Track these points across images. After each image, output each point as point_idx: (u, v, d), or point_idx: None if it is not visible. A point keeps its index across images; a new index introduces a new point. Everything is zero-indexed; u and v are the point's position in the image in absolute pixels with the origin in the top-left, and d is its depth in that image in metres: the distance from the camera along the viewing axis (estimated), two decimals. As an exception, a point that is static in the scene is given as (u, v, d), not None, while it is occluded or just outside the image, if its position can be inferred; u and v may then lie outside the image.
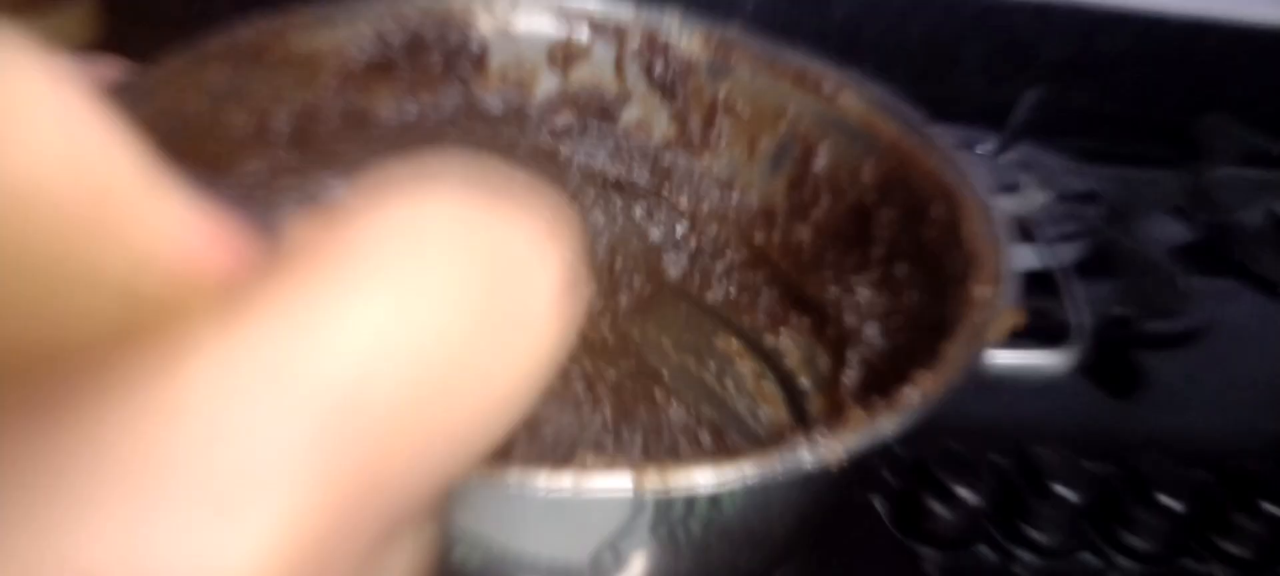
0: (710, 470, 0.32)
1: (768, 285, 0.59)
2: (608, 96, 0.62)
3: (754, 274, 0.60)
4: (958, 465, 0.55)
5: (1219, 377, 0.73)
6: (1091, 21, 1.08)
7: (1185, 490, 0.56)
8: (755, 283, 0.60)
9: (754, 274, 0.60)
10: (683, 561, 0.37)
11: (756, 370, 0.58)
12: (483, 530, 0.34)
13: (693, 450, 0.54)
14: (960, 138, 0.92)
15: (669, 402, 0.58)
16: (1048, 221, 0.79)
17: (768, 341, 0.57)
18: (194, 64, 0.49)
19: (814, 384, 0.55)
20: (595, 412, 0.56)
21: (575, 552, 0.35)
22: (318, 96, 0.55)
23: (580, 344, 0.58)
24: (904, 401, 0.37)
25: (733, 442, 0.54)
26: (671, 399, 0.58)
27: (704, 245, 0.62)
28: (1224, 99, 1.13)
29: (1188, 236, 0.90)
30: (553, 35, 0.61)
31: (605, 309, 0.60)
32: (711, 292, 0.61)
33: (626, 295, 0.61)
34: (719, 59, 0.60)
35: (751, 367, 0.58)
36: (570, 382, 0.56)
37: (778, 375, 0.56)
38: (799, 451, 0.33)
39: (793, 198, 0.60)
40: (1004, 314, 0.42)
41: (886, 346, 0.52)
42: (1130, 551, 0.56)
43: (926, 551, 0.54)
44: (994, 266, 0.45)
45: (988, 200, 0.49)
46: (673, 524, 0.34)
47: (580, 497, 0.32)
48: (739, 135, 0.61)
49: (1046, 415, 0.67)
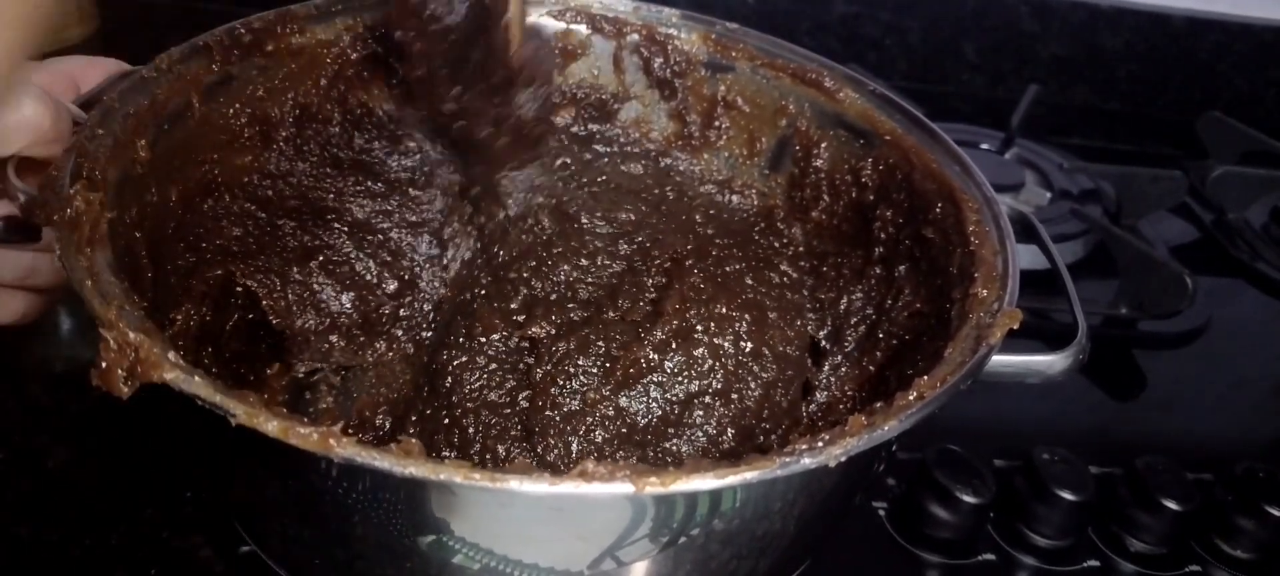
0: (710, 474, 0.31)
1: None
2: (606, 93, 0.62)
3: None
4: (958, 467, 0.54)
5: (1219, 377, 0.73)
6: (1092, 19, 1.08)
7: (1186, 491, 0.56)
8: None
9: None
10: (684, 569, 0.37)
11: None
12: (482, 538, 0.34)
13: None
14: (961, 135, 0.92)
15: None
16: (1049, 220, 0.79)
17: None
18: (191, 59, 0.48)
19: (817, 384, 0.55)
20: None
21: (576, 560, 0.35)
22: (315, 91, 0.55)
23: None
24: (904, 403, 0.36)
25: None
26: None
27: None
28: (1225, 97, 1.13)
29: (1189, 234, 0.90)
30: (551, 30, 0.61)
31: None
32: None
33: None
34: (719, 55, 0.60)
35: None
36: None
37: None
38: (799, 454, 0.33)
39: (793, 197, 0.60)
40: (1005, 315, 0.41)
41: (887, 347, 0.52)
42: (1131, 554, 0.56)
43: (928, 556, 0.53)
44: (995, 266, 0.45)
45: (990, 199, 0.49)
46: (674, 530, 0.34)
47: (581, 503, 0.32)
48: (739, 132, 0.61)
49: (1047, 417, 0.66)
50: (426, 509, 0.33)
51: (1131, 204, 0.86)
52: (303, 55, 0.54)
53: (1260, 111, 1.13)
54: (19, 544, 0.48)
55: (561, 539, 0.34)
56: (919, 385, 0.37)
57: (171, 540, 0.49)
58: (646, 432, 0.52)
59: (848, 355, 0.54)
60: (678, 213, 0.61)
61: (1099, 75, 1.11)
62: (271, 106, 0.53)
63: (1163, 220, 0.89)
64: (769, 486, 0.34)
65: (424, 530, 0.34)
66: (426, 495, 0.32)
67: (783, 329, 0.55)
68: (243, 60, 0.51)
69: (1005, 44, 1.09)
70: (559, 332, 0.54)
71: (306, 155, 0.55)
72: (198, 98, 0.49)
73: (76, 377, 0.55)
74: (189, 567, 0.48)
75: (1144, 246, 0.78)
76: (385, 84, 0.58)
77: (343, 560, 0.38)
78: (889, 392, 0.38)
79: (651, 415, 0.52)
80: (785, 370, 0.54)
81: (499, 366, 0.54)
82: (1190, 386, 0.72)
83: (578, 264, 0.57)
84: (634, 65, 0.61)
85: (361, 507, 0.34)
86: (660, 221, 0.60)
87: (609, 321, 0.55)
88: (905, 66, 1.09)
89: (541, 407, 0.52)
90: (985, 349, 0.39)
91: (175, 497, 0.51)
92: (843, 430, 0.34)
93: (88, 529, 0.49)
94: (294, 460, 0.31)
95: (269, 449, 0.31)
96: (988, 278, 0.44)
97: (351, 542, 0.36)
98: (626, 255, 0.58)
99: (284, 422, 0.30)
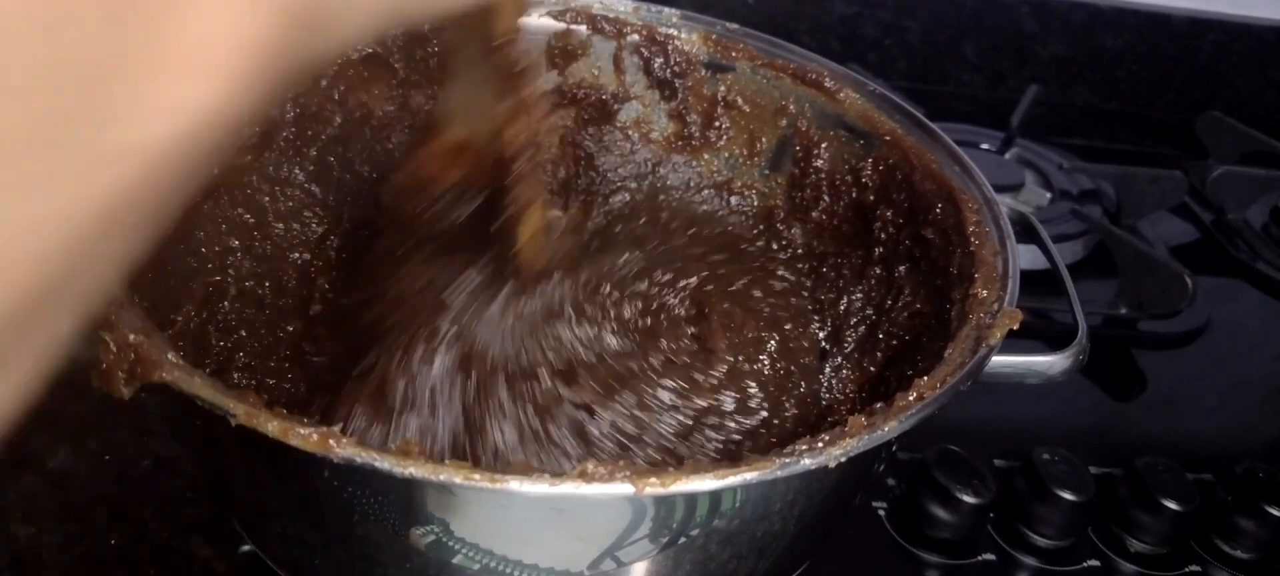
0: (710, 474, 0.31)
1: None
2: (606, 93, 0.62)
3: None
4: (958, 468, 0.54)
5: (1219, 378, 0.73)
6: (1092, 19, 1.08)
7: (1186, 491, 0.56)
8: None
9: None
10: (684, 569, 0.37)
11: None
12: (482, 538, 0.34)
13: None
14: (961, 135, 0.92)
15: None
16: (1049, 220, 0.79)
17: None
18: None
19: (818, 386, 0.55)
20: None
21: (576, 561, 0.35)
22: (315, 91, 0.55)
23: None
24: (904, 404, 0.36)
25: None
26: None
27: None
28: (1225, 97, 1.13)
29: (1189, 234, 0.90)
30: (551, 30, 0.61)
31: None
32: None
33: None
34: (719, 55, 0.60)
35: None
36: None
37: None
38: (799, 454, 0.33)
39: (793, 197, 0.60)
40: (1005, 315, 0.41)
41: (887, 348, 0.52)
42: (1131, 554, 0.56)
43: (928, 556, 0.53)
44: (995, 267, 0.45)
45: (990, 199, 0.49)
46: (674, 530, 0.34)
47: (580, 504, 0.32)
48: (739, 133, 0.61)
49: (1047, 417, 0.66)
50: (426, 509, 0.33)
51: (1131, 204, 0.86)
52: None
53: (1260, 111, 1.13)
54: (19, 544, 0.48)
55: (561, 539, 0.34)
56: (919, 386, 0.37)
57: (171, 540, 0.49)
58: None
59: (848, 356, 0.54)
60: (671, 238, 0.59)
61: (1099, 75, 1.11)
62: (271, 106, 0.53)
63: (1163, 220, 0.89)
64: (769, 487, 0.34)
65: (423, 530, 0.34)
66: (426, 495, 0.32)
67: (799, 339, 0.55)
68: None
69: (1005, 44, 1.09)
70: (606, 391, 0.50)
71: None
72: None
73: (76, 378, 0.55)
74: (189, 567, 0.48)
75: (1144, 246, 0.78)
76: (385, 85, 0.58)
77: (343, 560, 0.37)
78: (889, 393, 0.38)
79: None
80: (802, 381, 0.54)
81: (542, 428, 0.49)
82: (1190, 386, 0.72)
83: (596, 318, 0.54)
84: (634, 65, 0.61)
85: (361, 507, 0.34)
86: (665, 252, 0.59)
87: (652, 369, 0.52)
88: (905, 66, 1.09)
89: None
90: (985, 349, 0.40)
91: (175, 497, 0.51)
92: (843, 431, 0.34)
93: (87, 529, 0.49)
94: (294, 460, 0.31)
95: (269, 449, 0.31)
96: (988, 278, 0.44)
97: (351, 542, 0.36)
98: (643, 294, 0.55)
99: (284, 423, 0.30)
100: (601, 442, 0.47)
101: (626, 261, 0.57)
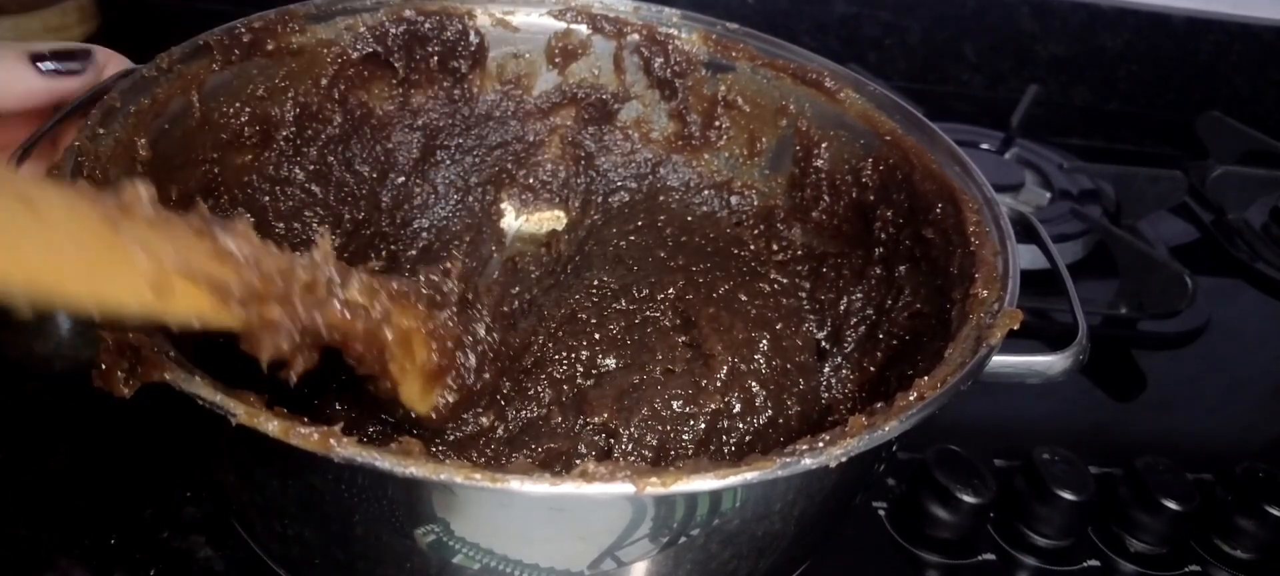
0: (711, 474, 0.31)
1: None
2: (606, 93, 0.62)
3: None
4: (958, 467, 0.54)
5: (1219, 377, 0.73)
6: (1092, 19, 1.08)
7: (1186, 491, 0.56)
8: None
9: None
10: (684, 569, 0.37)
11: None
12: (482, 538, 0.34)
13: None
14: (961, 135, 0.92)
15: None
16: (1049, 220, 0.79)
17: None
18: (191, 59, 0.48)
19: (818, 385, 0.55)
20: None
21: (576, 560, 0.35)
22: (315, 90, 0.55)
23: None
24: (905, 404, 0.36)
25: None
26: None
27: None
28: (1225, 97, 1.13)
29: (1189, 234, 0.90)
30: (551, 30, 0.61)
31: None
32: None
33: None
34: (719, 55, 0.60)
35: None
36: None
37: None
38: (799, 454, 0.33)
39: (793, 197, 0.60)
40: (1005, 315, 0.41)
41: (887, 347, 0.52)
42: (1131, 554, 0.56)
43: (928, 556, 0.53)
44: (996, 267, 0.45)
45: (990, 199, 0.49)
46: (674, 530, 0.34)
47: (581, 503, 0.32)
48: (739, 133, 0.61)
49: (1047, 417, 0.66)
50: (427, 509, 0.33)
51: (1131, 204, 0.86)
52: (303, 54, 0.54)
53: (1260, 111, 1.13)
54: (19, 544, 0.48)
55: (562, 539, 0.34)
56: (919, 385, 0.37)
57: (171, 540, 0.49)
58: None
59: (848, 356, 0.54)
60: (656, 248, 0.60)
61: (1099, 75, 1.11)
62: (272, 106, 0.53)
63: (1163, 220, 0.89)
64: (769, 487, 0.34)
65: (424, 530, 0.34)
66: (427, 495, 0.32)
67: (792, 338, 0.55)
68: (243, 59, 0.51)
69: (1005, 44, 1.09)
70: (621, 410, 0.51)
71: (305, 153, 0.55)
72: (198, 97, 0.49)
73: (76, 377, 0.55)
74: (189, 567, 0.48)
75: (1144, 246, 0.78)
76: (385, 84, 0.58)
77: (343, 560, 0.37)
78: (889, 393, 0.38)
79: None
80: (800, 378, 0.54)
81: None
82: (1190, 386, 0.72)
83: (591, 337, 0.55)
84: (634, 65, 0.61)
85: (361, 507, 0.34)
86: (651, 263, 0.59)
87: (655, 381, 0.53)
88: (905, 66, 1.09)
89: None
90: (985, 349, 0.39)
91: (175, 497, 0.51)
92: (843, 431, 0.34)
93: (88, 529, 0.49)
94: (294, 460, 0.31)
95: (269, 449, 0.30)
96: (988, 278, 0.44)
97: (351, 542, 0.36)
98: (625, 312, 0.56)
99: (284, 423, 0.30)
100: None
101: (600, 285, 0.58)
